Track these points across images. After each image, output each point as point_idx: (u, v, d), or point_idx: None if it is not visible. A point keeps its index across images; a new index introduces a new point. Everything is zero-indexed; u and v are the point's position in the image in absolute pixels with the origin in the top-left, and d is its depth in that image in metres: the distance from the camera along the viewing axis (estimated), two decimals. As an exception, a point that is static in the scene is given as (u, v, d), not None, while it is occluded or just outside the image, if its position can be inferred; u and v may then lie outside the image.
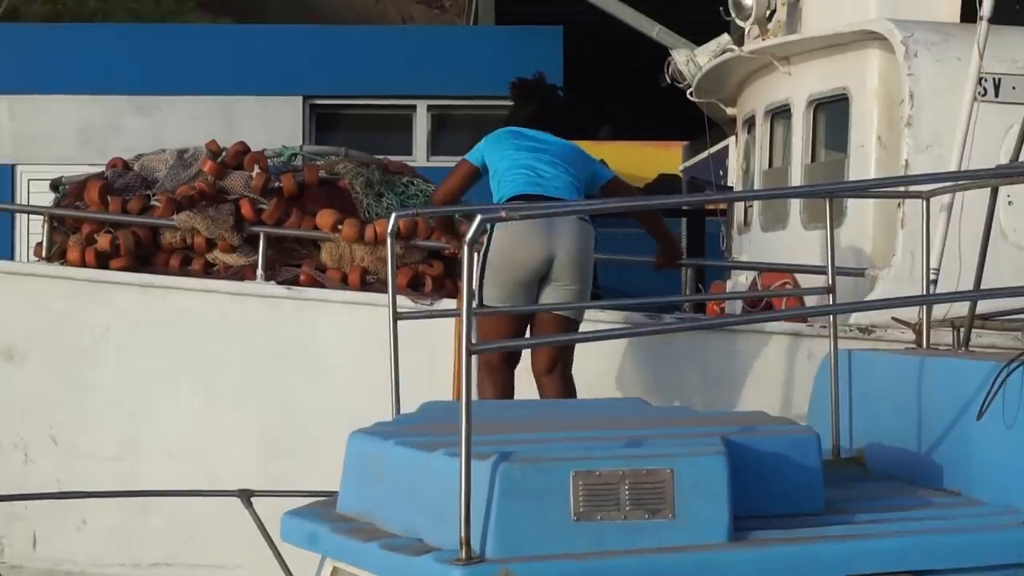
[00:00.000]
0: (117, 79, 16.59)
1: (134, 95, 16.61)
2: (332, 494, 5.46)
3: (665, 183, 17.46)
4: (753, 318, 7.63)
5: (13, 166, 16.77)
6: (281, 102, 16.62)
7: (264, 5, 37.40)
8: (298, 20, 33.08)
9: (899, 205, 8.08)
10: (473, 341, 4.77)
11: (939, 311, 7.21)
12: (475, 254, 7.41)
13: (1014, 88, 8.08)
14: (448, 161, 16.41)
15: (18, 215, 16.14)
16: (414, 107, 16.83)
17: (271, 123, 16.31)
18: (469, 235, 4.74)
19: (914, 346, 7.39)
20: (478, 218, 4.78)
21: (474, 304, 6.41)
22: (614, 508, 4.64)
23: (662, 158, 20.91)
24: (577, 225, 7.24)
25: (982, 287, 6.74)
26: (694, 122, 11.36)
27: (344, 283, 8.26)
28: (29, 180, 16.72)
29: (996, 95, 8.14)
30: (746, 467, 4.96)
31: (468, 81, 16.50)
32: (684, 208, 11.65)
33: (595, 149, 22.73)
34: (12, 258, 14.95)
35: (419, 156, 16.66)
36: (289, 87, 16.62)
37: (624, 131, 22.14)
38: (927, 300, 7.05)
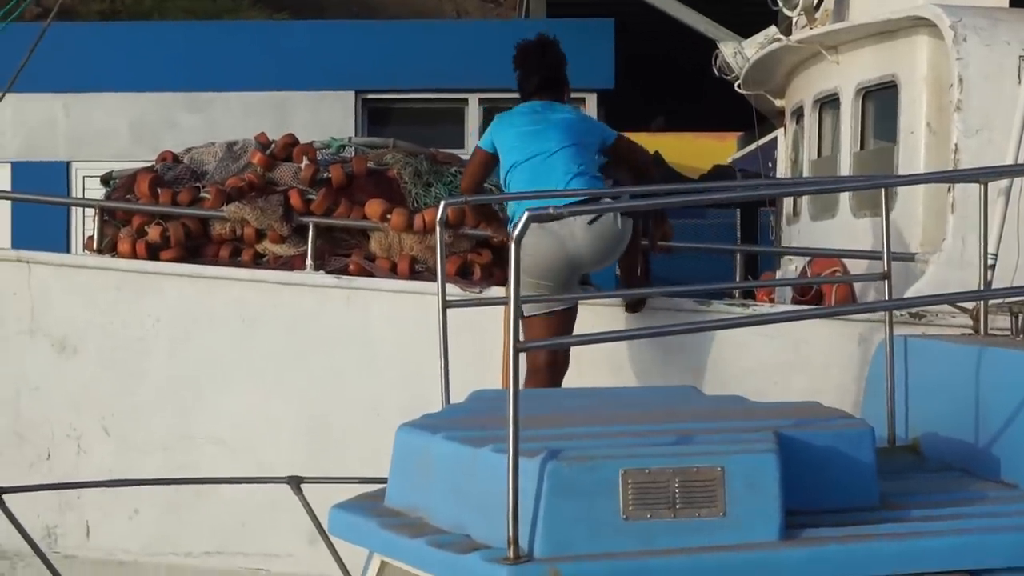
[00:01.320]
0: (170, 76, 16.67)
1: (187, 92, 16.70)
2: (382, 481, 5.46)
3: (721, 174, 17.44)
4: (805, 313, 7.57)
5: (68, 163, 16.88)
6: (333, 97, 16.67)
7: (321, 2, 37.52)
8: (354, 16, 33.20)
9: (949, 190, 8.05)
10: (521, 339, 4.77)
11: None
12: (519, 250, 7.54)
13: (1061, 71, 8.04)
14: (500, 154, 16.48)
15: (73, 210, 16.27)
16: (466, 100, 16.83)
17: (323, 118, 16.35)
18: (516, 233, 4.72)
19: (970, 331, 7.36)
20: (525, 215, 4.79)
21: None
22: (664, 507, 4.61)
23: (717, 149, 20.86)
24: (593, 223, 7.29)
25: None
26: (746, 113, 11.34)
27: (393, 272, 8.28)
28: (84, 177, 16.83)
29: (1048, 78, 8.10)
30: (798, 461, 4.93)
31: (519, 74, 16.50)
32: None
33: (649, 140, 22.87)
34: (68, 252, 15.06)
35: (471, 149, 16.67)
36: (341, 82, 16.63)
37: (677, 122, 22.09)
38: (983, 295, 7.00)
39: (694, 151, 21.59)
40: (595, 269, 7.68)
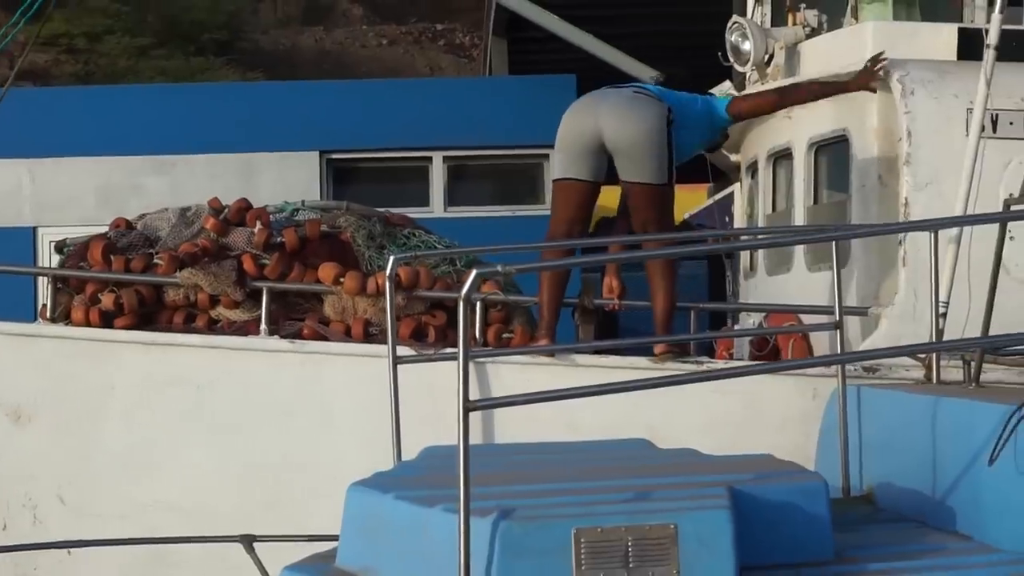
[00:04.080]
0: (135, 140, 16.70)
1: (152, 155, 16.73)
2: (334, 539, 5.44)
3: (685, 228, 17.44)
4: (761, 368, 7.58)
5: (34, 228, 16.88)
6: (298, 157, 16.72)
7: (294, 61, 37.66)
8: (327, 73, 33.28)
9: (900, 243, 8.08)
10: (471, 396, 4.77)
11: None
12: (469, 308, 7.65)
13: (1012, 124, 8.08)
14: (465, 211, 16.53)
15: (39, 278, 16.23)
16: (430, 159, 16.89)
17: (289, 178, 16.40)
18: (464, 291, 4.75)
19: (923, 378, 7.39)
20: (474, 273, 4.82)
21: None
22: (617, 565, 4.61)
23: (689, 200, 20.86)
24: (621, 99, 7.96)
25: (992, 323, 6.74)
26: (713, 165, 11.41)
27: (348, 335, 8.27)
28: (51, 242, 16.81)
29: (995, 131, 8.14)
30: (753, 516, 4.92)
31: (483, 131, 16.59)
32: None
33: (620, 194, 22.77)
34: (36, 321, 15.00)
35: (436, 207, 16.76)
36: (305, 142, 16.69)
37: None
38: (936, 348, 7.05)
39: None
40: (618, 149, 7.94)
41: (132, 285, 8.44)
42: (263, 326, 8.26)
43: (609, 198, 22.08)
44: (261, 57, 37.53)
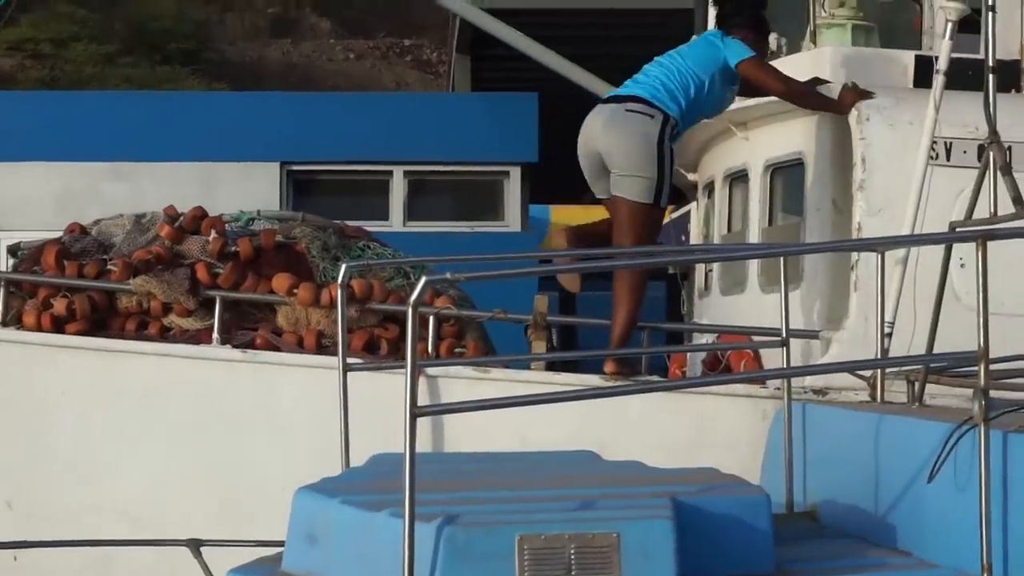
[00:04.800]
0: (96, 146, 16.72)
1: (113, 161, 16.72)
2: (280, 544, 5.47)
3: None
4: (707, 381, 7.65)
5: (-7, 232, 16.85)
6: (258, 168, 16.73)
7: (260, 72, 37.66)
8: (294, 86, 33.30)
9: (852, 268, 8.13)
10: (417, 403, 4.80)
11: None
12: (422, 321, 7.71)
13: (965, 152, 8.13)
14: (425, 226, 16.56)
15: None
16: (390, 173, 16.93)
17: (249, 189, 16.40)
18: (413, 298, 4.80)
19: (869, 399, 7.45)
20: (423, 280, 4.87)
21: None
22: (560, 573, 4.65)
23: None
24: (609, 114, 8.04)
25: (937, 343, 6.80)
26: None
27: (300, 346, 8.27)
28: (8, 247, 16.77)
29: (948, 159, 8.20)
30: (695, 528, 4.97)
31: (444, 147, 16.64)
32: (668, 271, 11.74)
33: (583, 213, 22.80)
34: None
35: (395, 221, 16.79)
36: (266, 153, 16.73)
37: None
38: (880, 364, 7.12)
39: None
40: (610, 165, 8.04)
41: (85, 291, 8.43)
42: (215, 335, 8.26)
43: (573, 217, 22.13)
44: (227, 68, 37.55)
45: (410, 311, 4.78)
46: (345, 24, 42.88)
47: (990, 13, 7.06)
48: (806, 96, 8.43)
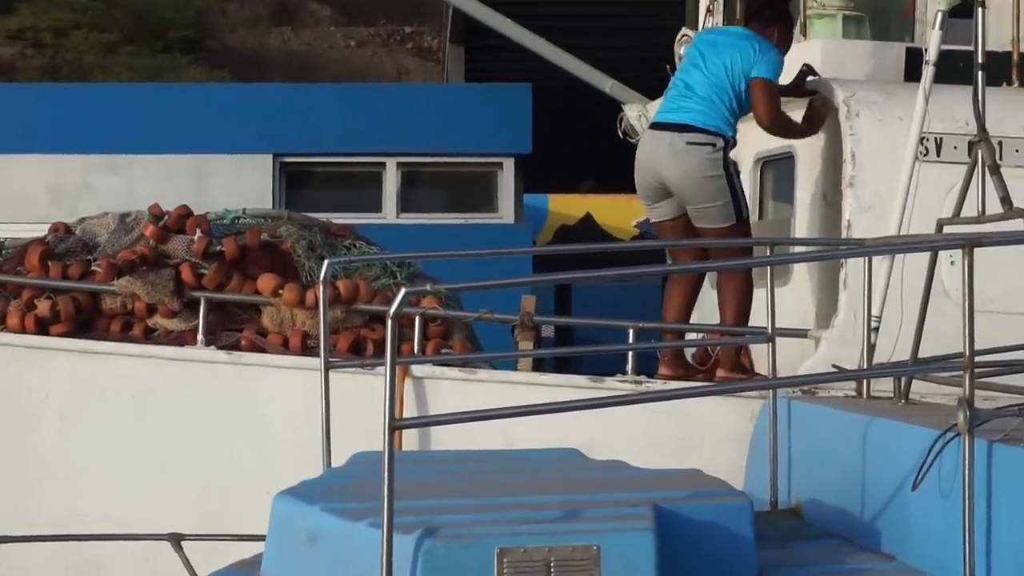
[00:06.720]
0: (89, 138, 16.65)
1: (106, 154, 16.67)
2: (261, 538, 5.46)
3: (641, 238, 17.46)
4: (694, 389, 7.58)
5: (-17, 226, 16.81)
6: (252, 160, 16.69)
7: (261, 61, 37.62)
8: (294, 74, 33.22)
9: (841, 265, 8.07)
10: (397, 416, 4.76)
11: (881, 356, 7.27)
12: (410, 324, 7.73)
13: (955, 148, 8.05)
14: (418, 218, 16.52)
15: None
16: (383, 164, 16.87)
17: (242, 181, 16.37)
18: (392, 309, 4.76)
19: (854, 394, 7.42)
20: (402, 292, 4.84)
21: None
22: (540, 585, 4.61)
23: (638, 209, 20.88)
24: (669, 147, 8.18)
25: (931, 345, 6.75)
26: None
27: (285, 347, 8.23)
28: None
29: (938, 155, 8.13)
30: (677, 536, 4.95)
31: (438, 138, 16.58)
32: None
33: (580, 203, 22.72)
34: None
35: (388, 213, 16.74)
36: (259, 145, 16.66)
37: (609, 184, 22.19)
38: (867, 374, 7.08)
39: (626, 212, 21.66)
40: (683, 199, 8.25)
41: (69, 292, 8.39)
42: (200, 336, 8.22)
43: (571, 206, 21.95)
44: (228, 56, 37.47)
45: (389, 322, 4.72)
46: (346, 10, 42.80)
47: (980, 8, 6.98)
48: (788, 133, 8.48)
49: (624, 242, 17.17)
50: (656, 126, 8.46)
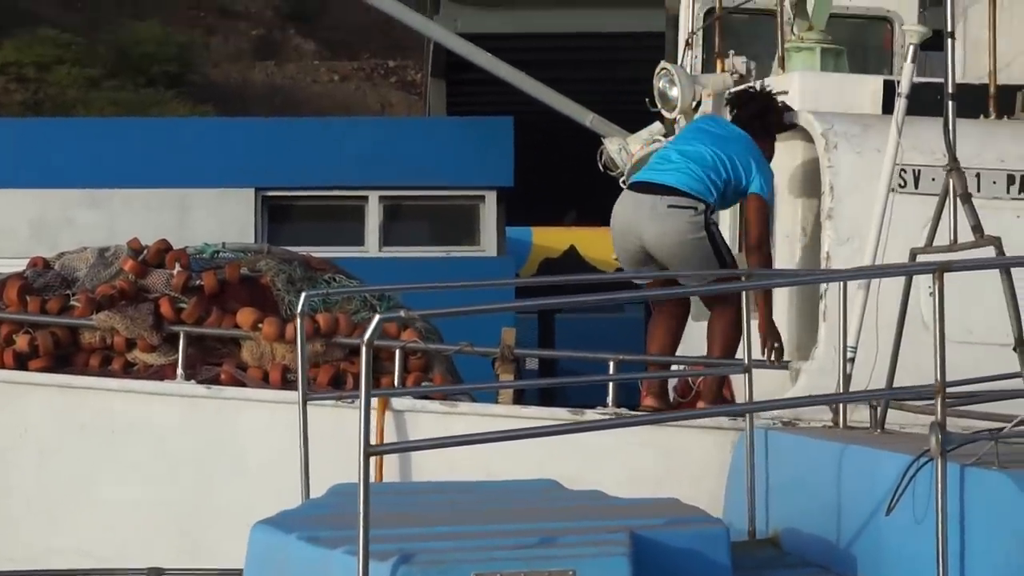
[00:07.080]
0: (70, 173, 16.61)
1: (87, 188, 16.65)
2: (239, 572, 5.47)
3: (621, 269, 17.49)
4: (674, 416, 7.59)
5: (-37, 262, 16.75)
6: (233, 194, 16.66)
7: (244, 94, 37.67)
8: (278, 108, 33.24)
9: (821, 297, 8.08)
10: (373, 441, 4.77)
11: (859, 387, 7.29)
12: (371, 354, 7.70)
13: (933, 179, 8.04)
14: (400, 252, 16.51)
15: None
16: (366, 198, 16.87)
17: (224, 215, 16.34)
18: (366, 336, 4.79)
19: (831, 424, 7.43)
20: (376, 319, 4.87)
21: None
22: (516, 611, 4.62)
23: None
24: (655, 211, 8.12)
25: (906, 370, 6.76)
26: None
27: (265, 381, 8.23)
28: (-26, 279, 16.70)
29: (916, 186, 8.15)
30: (653, 563, 4.97)
31: (420, 172, 16.59)
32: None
33: (563, 235, 22.68)
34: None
35: (371, 247, 16.72)
36: (241, 179, 16.65)
37: (591, 216, 22.23)
38: (840, 399, 7.10)
39: (611, 245, 21.65)
40: (665, 262, 8.23)
41: (47, 327, 8.37)
42: (179, 371, 8.22)
43: (554, 239, 21.90)
44: (212, 91, 37.52)
45: (364, 349, 4.76)
46: (329, 45, 42.89)
47: (950, 40, 7.01)
48: (760, 261, 8.40)
49: (606, 273, 17.13)
50: (637, 187, 8.42)
